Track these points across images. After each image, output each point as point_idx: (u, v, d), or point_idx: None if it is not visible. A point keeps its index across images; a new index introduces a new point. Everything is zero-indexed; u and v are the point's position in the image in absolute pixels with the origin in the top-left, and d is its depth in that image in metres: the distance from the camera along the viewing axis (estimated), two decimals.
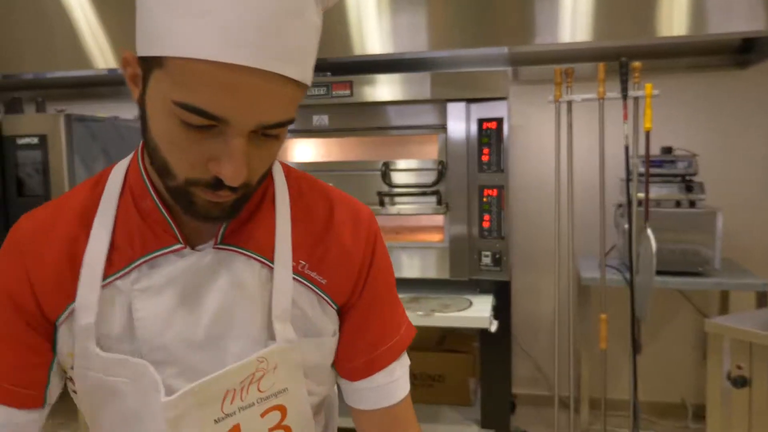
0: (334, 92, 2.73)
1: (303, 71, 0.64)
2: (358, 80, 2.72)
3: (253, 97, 0.61)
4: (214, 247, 0.75)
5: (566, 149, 2.60)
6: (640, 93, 2.44)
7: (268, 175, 0.73)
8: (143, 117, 0.67)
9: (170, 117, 0.63)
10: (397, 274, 2.78)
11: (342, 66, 3.00)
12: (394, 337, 0.86)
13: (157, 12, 0.61)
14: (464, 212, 2.75)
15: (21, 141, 3.02)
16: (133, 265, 0.74)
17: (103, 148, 3.42)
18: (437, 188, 2.72)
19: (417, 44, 2.83)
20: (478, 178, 2.75)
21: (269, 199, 0.80)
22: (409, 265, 2.85)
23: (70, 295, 0.73)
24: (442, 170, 2.73)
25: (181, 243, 0.74)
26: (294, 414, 0.78)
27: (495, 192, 2.74)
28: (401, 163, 2.84)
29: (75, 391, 0.77)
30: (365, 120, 2.85)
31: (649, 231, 2.44)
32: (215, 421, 0.72)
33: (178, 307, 0.73)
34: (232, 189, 0.66)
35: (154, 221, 0.74)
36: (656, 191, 2.80)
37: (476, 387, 3.12)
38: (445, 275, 2.80)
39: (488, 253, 2.77)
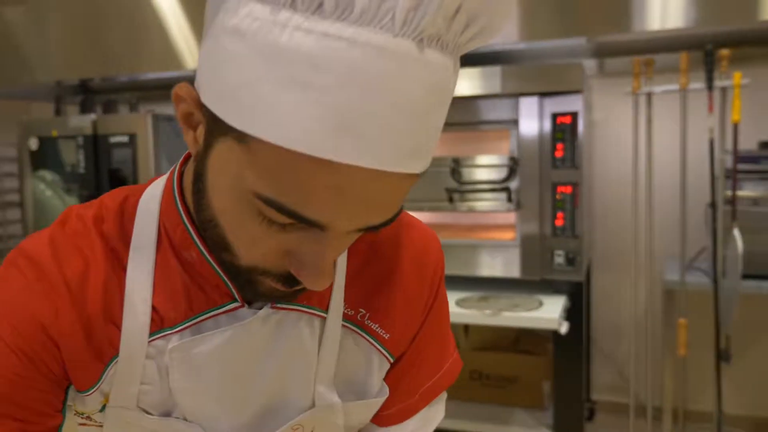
0: None
1: (428, 159, 0.51)
2: None
3: (364, 199, 0.47)
4: (272, 307, 0.61)
5: (645, 144, 2.46)
6: (727, 83, 2.27)
7: None
8: (200, 173, 0.53)
9: (245, 204, 0.49)
10: (467, 272, 2.77)
11: None
12: (433, 376, 0.74)
13: (249, 65, 0.45)
14: (536, 210, 2.67)
15: (113, 140, 3.22)
16: (177, 328, 0.60)
17: (187, 147, 3.58)
18: (508, 185, 2.65)
19: (501, 36, 2.75)
20: (551, 175, 2.66)
21: None
22: (479, 264, 2.80)
23: (109, 354, 0.60)
24: (513, 167, 2.66)
25: (237, 301, 0.60)
26: None
27: (569, 189, 2.64)
28: (471, 160, 2.80)
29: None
30: None
31: (735, 232, 2.27)
32: None
33: (227, 381, 0.62)
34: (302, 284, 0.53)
35: (199, 274, 0.60)
36: (751, 189, 2.59)
37: (551, 391, 3.02)
38: (516, 274, 2.73)
39: (561, 252, 2.67)
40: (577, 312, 2.74)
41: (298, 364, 0.64)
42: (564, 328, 2.42)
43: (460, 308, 2.56)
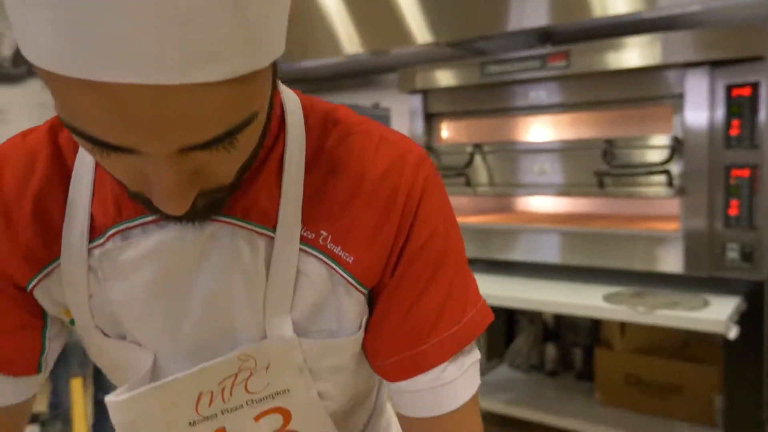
0: (548, 64, 2.52)
1: (244, 61, 0.43)
2: (577, 49, 2.46)
3: (158, 117, 0.41)
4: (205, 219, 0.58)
5: None
6: None
7: (250, 168, 0.55)
8: None
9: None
10: (619, 265, 2.50)
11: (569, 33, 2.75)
12: (448, 329, 0.63)
13: None
14: (704, 196, 2.32)
15: None
16: (107, 234, 0.59)
17: None
18: (667, 168, 2.34)
19: None
20: (723, 156, 2.31)
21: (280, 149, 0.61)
22: (634, 256, 2.51)
23: (42, 258, 0.61)
24: (674, 147, 2.34)
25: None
26: (301, 417, 0.65)
27: (746, 172, 2.26)
28: (626, 141, 2.51)
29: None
30: (581, 94, 2.58)
31: None
32: (190, 423, 0.62)
33: (158, 292, 0.59)
34: (192, 203, 0.49)
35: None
36: None
37: (723, 406, 2.63)
38: (678, 270, 2.41)
39: (735, 245, 2.30)
40: (755, 316, 2.35)
41: (241, 287, 0.59)
42: (733, 333, 2.08)
43: (608, 304, 2.31)
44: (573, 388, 3.21)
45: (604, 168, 2.48)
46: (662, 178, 2.36)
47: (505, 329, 3.67)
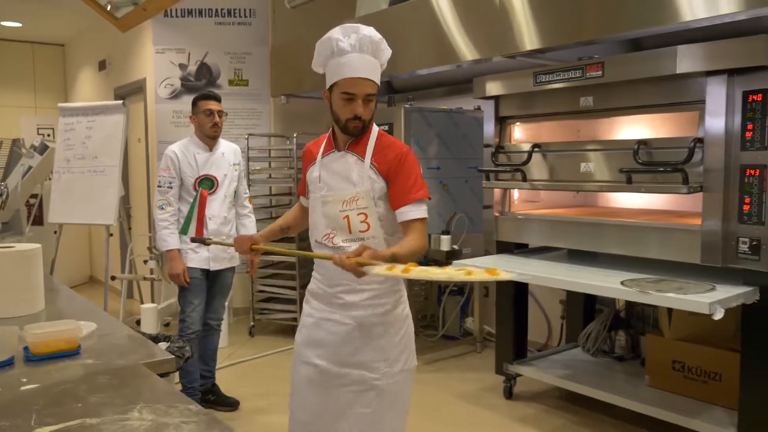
0: (588, 74, 2.87)
1: (375, 77, 1.87)
2: (610, 61, 2.79)
3: (362, 85, 1.84)
4: (344, 150, 1.96)
5: None
6: None
7: (371, 124, 1.94)
8: (330, 105, 1.93)
9: (340, 99, 1.87)
10: (643, 254, 2.80)
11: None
12: (413, 193, 1.88)
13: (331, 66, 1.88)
14: (720, 193, 2.54)
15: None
16: (325, 155, 2.02)
17: (438, 134, 4.21)
18: (685, 167, 2.59)
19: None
20: (740, 157, 2.51)
21: (368, 135, 1.94)
22: (656, 246, 2.77)
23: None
24: (693, 147, 2.58)
25: (334, 149, 2.00)
26: (371, 219, 1.91)
27: (756, 171, 2.46)
28: (650, 142, 2.78)
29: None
30: (618, 99, 2.88)
31: None
32: (340, 210, 1.92)
33: (332, 171, 1.97)
34: (361, 120, 1.86)
35: (329, 141, 2.01)
36: None
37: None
38: (696, 260, 2.64)
39: (746, 239, 2.50)
40: (767, 307, 2.52)
41: (352, 170, 1.94)
42: (718, 315, 2.32)
43: (623, 286, 2.63)
44: (633, 372, 3.45)
45: (633, 166, 2.77)
46: (680, 175, 2.61)
47: (582, 315, 3.97)
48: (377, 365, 1.93)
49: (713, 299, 2.35)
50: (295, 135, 4.69)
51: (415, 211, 1.86)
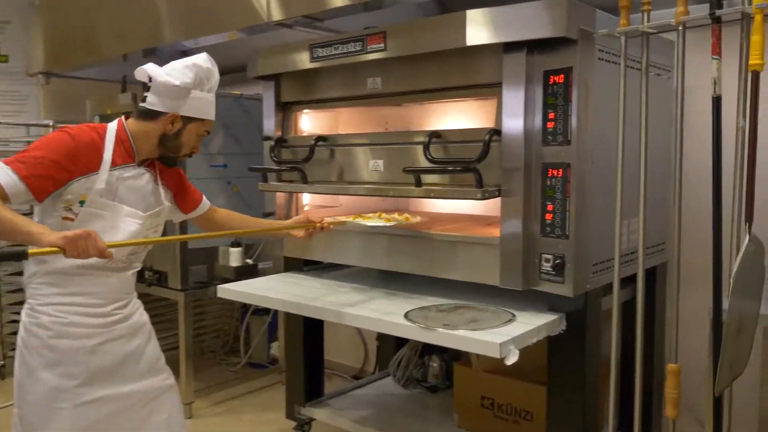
0: (368, 47, 2.27)
1: None
2: (393, 30, 2.21)
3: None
4: (144, 168, 1.94)
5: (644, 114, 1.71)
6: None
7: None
8: (178, 132, 1.90)
9: (195, 134, 1.94)
10: (441, 274, 2.23)
11: None
12: (196, 195, 2.19)
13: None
14: (520, 199, 2.03)
15: None
16: (119, 167, 1.85)
17: (224, 124, 3.49)
18: (479, 166, 2.05)
19: None
20: (542, 154, 2.01)
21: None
22: (456, 264, 2.23)
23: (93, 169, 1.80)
24: (489, 141, 2.05)
25: (136, 163, 1.89)
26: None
27: (560, 172, 1.96)
28: (444, 134, 2.23)
29: (71, 219, 1.78)
30: (406, 81, 2.32)
31: None
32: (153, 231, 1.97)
33: (132, 188, 1.89)
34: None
35: (126, 151, 1.86)
36: None
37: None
38: (495, 281, 2.12)
39: (549, 256, 2.00)
40: (574, 336, 2.05)
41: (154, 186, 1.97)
42: (511, 359, 1.79)
43: (405, 319, 2.05)
44: (446, 407, 2.93)
45: (423, 164, 2.21)
46: (472, 176, 2.07)
47: (396, 338, 3.40)
48: None
49: (506, 337, 1.82)
50: (51, 123, 3.77)
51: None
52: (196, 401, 3.56)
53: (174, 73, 1.84)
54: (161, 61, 1.90)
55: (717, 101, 1.49)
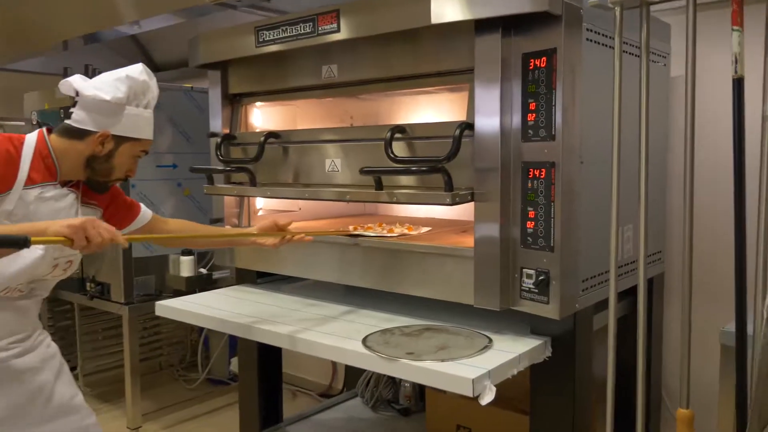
0: (320, 28, 1.95)
1: None
2: (347, 8, 1.89)
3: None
4: (68, 188, 1.64)
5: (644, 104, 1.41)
6: None
7: None
8: (110, 154, 1.64)
9: (130, 155, 1.67)
10: (411, 291, 1.93)
11: None
12: (132, 208, 1.89)
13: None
14: (497, 204, 1.73)
15: None
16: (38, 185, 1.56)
17: (171, 119, 3.16)
18: (447, 166, 1.74)
19: None
20: (521, 151, 1.71)
21: None
22: (425, 280, 1.93)
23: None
24: (460, 137, 1.75)
25: (57, 182, 1.61)
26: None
27: (543, 172, 1.67)
28: (410, 129, 1.93)
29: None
30: (365, 68, 2.01)
31: None
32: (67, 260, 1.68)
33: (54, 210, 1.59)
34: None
35: (47, 168, 1.58)
36: None
37: None
38: (470, 299, 1.82)
39: (531, 271, 1.71)
40: (562, 364, 1.76)
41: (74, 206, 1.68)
42: (486, 397, 1.49)
43: (363, 347, 1.74)
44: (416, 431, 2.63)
45: (384, 165, 1.90)
46: (440, 178, 1.76)
47: None
48: None
49: (480, 370, 1.52)
50: None
51: None
52: (145, 425, 3.23)
53: (104, 87, 1.60)
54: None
55: (738, 83, 1.20)
